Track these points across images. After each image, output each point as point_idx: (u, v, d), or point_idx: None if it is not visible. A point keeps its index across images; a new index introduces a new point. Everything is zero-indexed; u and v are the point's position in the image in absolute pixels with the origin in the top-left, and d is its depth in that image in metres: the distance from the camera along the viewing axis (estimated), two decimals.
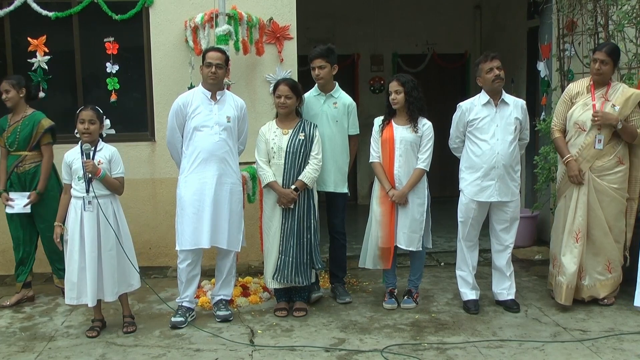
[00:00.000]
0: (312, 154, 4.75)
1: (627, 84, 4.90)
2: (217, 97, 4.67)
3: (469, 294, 4.87)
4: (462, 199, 4.82)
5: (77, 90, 6.04)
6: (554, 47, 6.26)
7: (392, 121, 4.82)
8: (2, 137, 5.06)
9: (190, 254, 4.61)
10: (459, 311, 4.84)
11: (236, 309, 4.91)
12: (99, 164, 4.31)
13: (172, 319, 4.58)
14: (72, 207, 4.36)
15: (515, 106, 4.71)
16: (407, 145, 4.76)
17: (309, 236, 4.73)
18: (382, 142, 4.82)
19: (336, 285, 5.19)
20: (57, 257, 4.95)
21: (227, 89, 4.93)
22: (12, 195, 5.00)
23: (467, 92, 9.17)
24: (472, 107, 4.75)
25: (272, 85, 5.13)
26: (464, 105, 4.81)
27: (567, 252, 4.79)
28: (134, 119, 6.06)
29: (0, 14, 5.72)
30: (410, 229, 4.78)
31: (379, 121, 4.91)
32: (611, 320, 4.59)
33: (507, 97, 4.72)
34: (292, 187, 4.68)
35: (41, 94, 5.76)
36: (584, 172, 4.69)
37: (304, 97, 4.93)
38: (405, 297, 4.98)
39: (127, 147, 5.72)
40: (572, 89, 4.88)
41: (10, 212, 5.04)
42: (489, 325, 4.56)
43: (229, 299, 4.86)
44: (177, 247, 4.64)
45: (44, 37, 5.68)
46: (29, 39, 5.68)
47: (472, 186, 4.74)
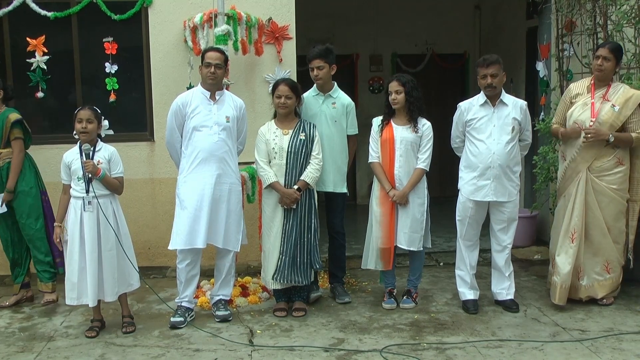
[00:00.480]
0: (313, 154, 4.75)
1: (626, 84, 4.90)
2: (216, 97, 4.67)
3: (467, 293, 4.87)
4: (460, 198, 4.85)
5: (76, 90, 6.02)
6: (553, 47, 6.27)
7: (392, 121, 4.82)
8: None
9: (189, 253, 4.61)
10: (458, 311, 4.84)
11: (235, 309, 4.91)
12: (98, 164, 4.30)
13: (172, 319, 4.58)
14: (71, 208, 4.35)
15: (514, 107, 4.70)
16: (408, 145, 4.76)
17: (309, 236, 4.73)
18: (382, 142, 4.82)
19: (335, 285, 5.19)
20: (38, 251, 4.95)
21: (226, 89, 4.93)
22: None
23: (466, 92, 9.16)
24: (471, 107, 4.76)
25: (271, 85, 5.12)
26: (462, 105, 4.82)
27: (561, 253, 4.80)
28: (133, 119, 6.06)
29: None
30: (411, 228, 4.78)
31: (377, 121, 4.90)
32: (610, 320, 4.59)
33: (506, 97, 4.72)
34: (295, 187, 4.68)
35: (40, 94, 5.77)
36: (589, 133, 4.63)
37: (303, 97, 4.93)
38: (404, 297, 4.98)
39: (126, 147, 5.72)
40: (572, 89, 4.90)
41: None
42: (488, 325, 4.56)
43: (228, 299, 4.86)
44: (170, 246, 4.62)
45: (43, 37, 5.68)
46: (28, 39, 5.67)
47: (468, 185, 4.76)
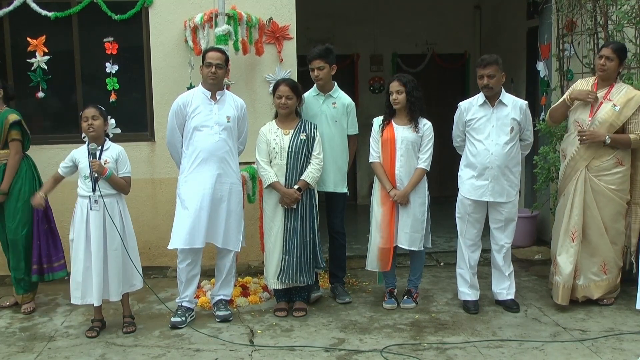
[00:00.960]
0: (314, 153, 4.75)
1: (627, 83, 4.89)
2: (217, 97, 4.67)
3: (467, 293, 4.86)
4: (459, 196, 4.86)
5: (76, 90, 6.02)
6: (554, 47, 6.26)
7: (393, 121, 4.82)
8: None
9: (189, 253, 4.61)
10: (459, 311, 4.84)
11: (236, 309, 4.91)
12: (105, 164, 4.32)
13: (172, 319, 4.58)
14: (78, 206, 4.37)
15: (513, 107, 4.69)
16: (408, 145, 4.76)
17: (312, 235, 4.73)
18: (383, 142, 4.82)
19: (336, 285, 5.19)
20: (17, 258, 4.86)
21: (227, 89, 4.93)
22: None
23: (466, 92, 9.16)
24: (470, 107, 4.76)
25: (271, 85, 5.12)
26: (462, 105, 4.82)
27: (562, 252, 4.79)
28: (134, 119, 6.05)
29: None
30: (412, 228, 4.78)
31: (378, 121, 4.90)
32: (611, 320, 4.59)
33: (506, 97, 4.71)
34: (295, 187, 4.68)
35: (40, 94, 5.77)
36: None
37: (304, 97, 4.93)
38: (405, 297, 4.98)
39: (126, 147, 5.59)
40: (578, 85, 4.88)
41: None
42: (488, 325, 4.56)
43: (229, 299, 4.86)
44: (169, 246, 4.62)
45: (44, 37, 5.68)
46: (29, 39, 5.67)
47: (466, 184, 4.77)
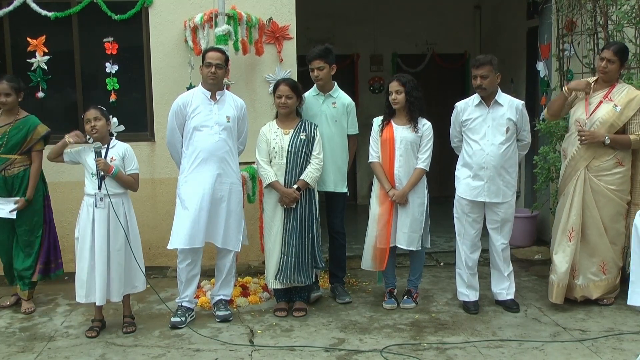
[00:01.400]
0: (314, 153, 4.75)
1: (627, 83, 4.89)
2: (217, 97, 4.67)
3: (467, 294, 4.86)
4: (456, 196, 4.86)
5: (76, 90, 6.03)
6: (554, 47, 6.26)
7: (392, 121, 4.82)
8: None
9: (189, 253, 4.61)
10: (459, 311, 4.84)
11: (236, 309, 4.91)
12: (111, 161, 4.33)
13: (172, 319, 4.58)
14: (84, 204, 4.39)
15: (509, 107, 4.67)
16: (408, 145, 4.76)
17: (310, 235, 4.73)
18: (382, 142, 4.82)
19: (336, 285, 5.19)
20: (27, 256, 4.90)
21: (227, 89, 4.93)
22: None
23: (466, 92, 9.13)
24: (466, 108, 4.77)
25: (271, 85, 5.12)
26: (459, 105, 4.83)
27: (559, 251, 4.79)
28: (134, 119, 6.05)
29: None
30: (410, 228, 4.78)
31: (378, 121, 4.91)
32: (611, 320, 4.59)
33: (502, 97, 4.69)
34: (295, 186, 4.68)
35: (40, 94, 5.77)
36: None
37: (304, 97, 4.93)
38: (404, 297, 4.98)
39: None
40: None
41: None
42: (488, 325, 4.56)
43: (229, 299, 4.86)
44: (168, 246, 4.62)
45: (44, 37, 5.68)
46: (29, 39, 5.67)
47: (462, 184, 4.78)
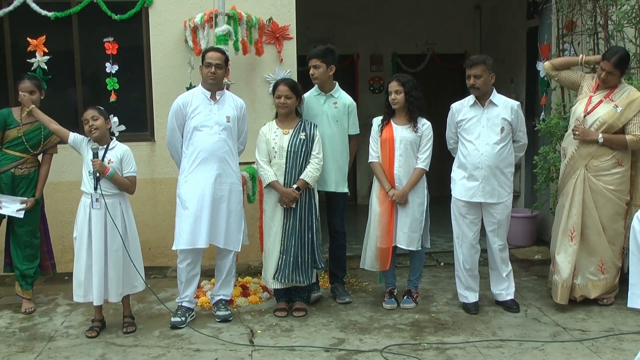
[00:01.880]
0: (313, 153, 4.75)
1: (627, 83, 4.89)
2: (217, 97, 4.67)
3: (465, 295, 4.86)
4: (452, 198, 4.85)
5: (76, 90, 6.03)
6: (554, 47, 6.25)
7: (392, 121, 4.82)
8: (5, 133, 4.81)
9: (189, 253, 4.61)
10: (459, 311, 4.84)
11: (236, 309, 4.91)
12: (109, 163, 4.32)
13: (172, 319, 4.58)
14: (81, 205, 4.39)
15: (504, 107, 4.66)
16: (407, 145, 4.76)
17: (310, 235, 4.73)
18: (382, 142, 4.82)
19: (336, 285, 5.19)
20: (33, 256, 4.93)
21: (227, 89, 4.93)
22: (1, 197, 4.78)
23: (466, 93, 9.07)
24: (461, 108, 4.77)
25: (271, 85, 5.12)
26: (454, 106, 4.84)
27: (561, 251, 4.79)
28: (134, 119, 6.04)
29: None
30: (410, 228, 4.78)
31: (377, 121, 4.91)
32: (611, 320, 4.59)
33: (496, 98, 4.69)
34: (294, 186, 4.68)
35: None
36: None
37: (303, 97, 4.93)
38: (404, 297, 4.98)
39: None
40: (587, 77, 4.86)
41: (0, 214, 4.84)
42: (488, 325, 4.56)
43: (229, 299, 4.86)
44: (173, 247, 4.63)
45: (44, 37, 5.65)
46: (29, 39, 5.65)
47: (458, 185, 4.77)
